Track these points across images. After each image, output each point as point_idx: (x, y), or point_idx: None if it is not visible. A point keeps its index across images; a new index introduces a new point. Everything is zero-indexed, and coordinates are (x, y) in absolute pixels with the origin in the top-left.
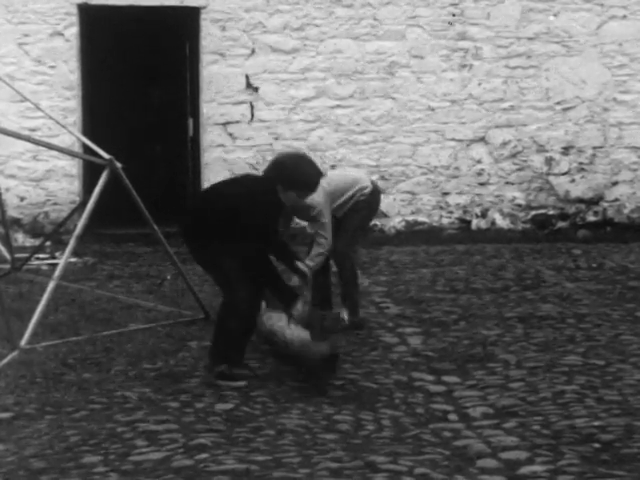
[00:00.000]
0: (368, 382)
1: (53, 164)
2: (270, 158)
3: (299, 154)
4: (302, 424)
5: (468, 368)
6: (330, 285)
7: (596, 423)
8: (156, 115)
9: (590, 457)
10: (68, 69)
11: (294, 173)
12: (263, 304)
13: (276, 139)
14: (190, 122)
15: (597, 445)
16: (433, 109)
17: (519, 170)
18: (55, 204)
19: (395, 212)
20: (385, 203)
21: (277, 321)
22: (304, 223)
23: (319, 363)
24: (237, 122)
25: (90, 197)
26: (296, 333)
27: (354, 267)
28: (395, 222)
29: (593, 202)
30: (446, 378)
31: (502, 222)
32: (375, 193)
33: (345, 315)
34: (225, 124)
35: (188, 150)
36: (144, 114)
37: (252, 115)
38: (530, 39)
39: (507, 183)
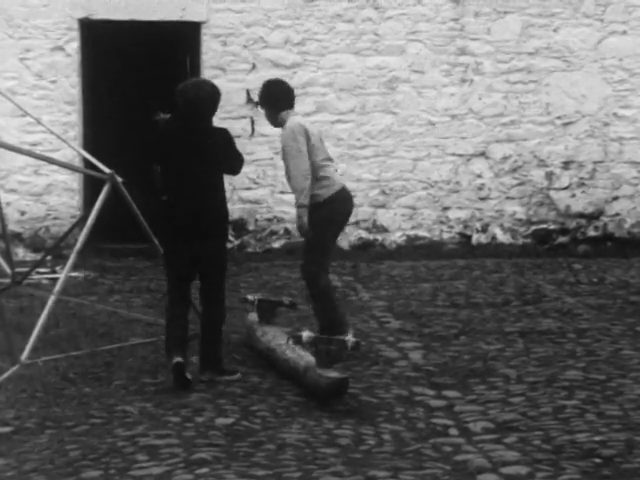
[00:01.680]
0: (369, 396)
1: (54, 178)
2: (271, 173)
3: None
4: (302, 438)
5: (469, 383)
6: (335, 307)
7: (597, 438)
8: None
9: (591, 472)
10: (69, 84)
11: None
12: (255, 318)
13: (277, 154)
14: None
15: (598, 460)
16: (434, 124)
17: (519, 185)
18: (56, 218)
19: (396, 227)
20: (386, 217)
21: (274, 338)
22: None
23: (328, 391)
24: (238, 137)
25: (91, 211)
26: (298, 355)
27: (324, 285)
28: (396, 237)
29: (594, 217)
30: (447, 393)
31: (503, 237)
32: (342, 199)
33: (351, 339)
34: None
35: None
36: (145, 129)
37: (253, 130)
38: (530, 54)
39: (508, 198)
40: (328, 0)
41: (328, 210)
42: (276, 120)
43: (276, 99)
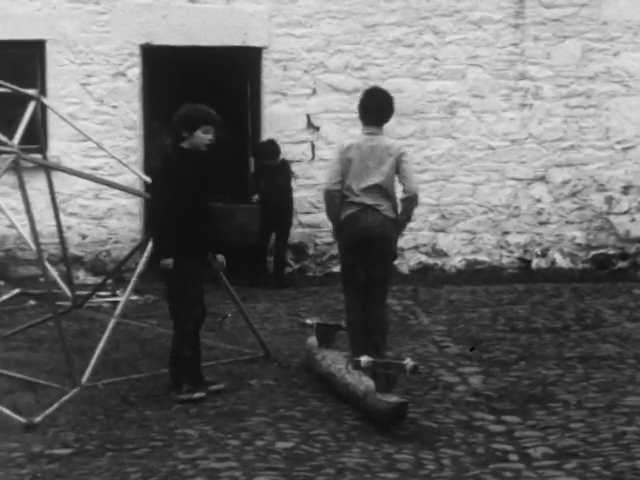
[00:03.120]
0: (428, 421)
1: (115, 202)
2: None
3: None
4: (362, 463)
5: (528, 408)
6: (355, 346)
7: None
8: (217, 154)
9: None
10: (130, 109)
11: None
12: (315, 342)
13: None
14: (252, 161)
15: None
16: (493, 148)
17: (579, 209)
18: (116, 242)
19: (455, 251)
20: (445, 242)
21: (334, 362)
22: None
23: (388, 415)
24: (298, 161)
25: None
26: (357, 379)
27: (349, 319)
28: (455, 261)
29: None
30: (506, 418)
31: (562, 261)
32: (351, 225)
33: (410, 362)
34: None
35: (249, 189)
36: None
37: (313, 154)
38: (590, 78)
39: (567, 222)
40: (388, 25)
41: (342, 235)
42: None
43: (359, 110)
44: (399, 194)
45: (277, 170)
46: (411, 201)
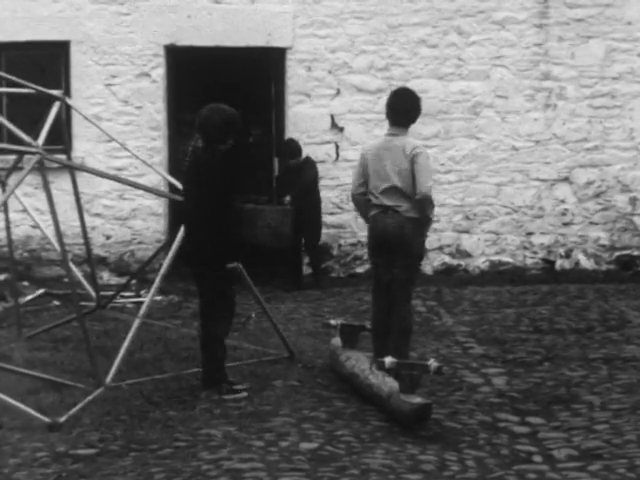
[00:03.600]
0: (452, 422)
1: (139, 203)
2: None
3: None
4: (386, 464)
5: (552, 409)
6: (376, 349)
7: None
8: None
9: None
10: (154, 109)
11: None
12: (339, 343)
13: None
14: (276, 161)
15: None
16: (517, 149)
17: (603, 210)
18: (141, 243)
19: (479, 252)
20: (469, 243)
21: (358, 363)
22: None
23: (412, 416)
24: (322, 162)
25: (175, 236)
26: (382, 380)
27: (373, 319)
28: (479, 262)
29: None
30: (530, 419)
31: (586, 262)
32: (371, 225)
33: (434, 363)
34: None
35: (273, 189)
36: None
37: (337, 155)
38: (614, 79)
39: (591, 223)
40: (412, 25)
41: (368, 236)
42: None
43: (386, 110)
44: None
45: (301, 168)
46: (422, 203)
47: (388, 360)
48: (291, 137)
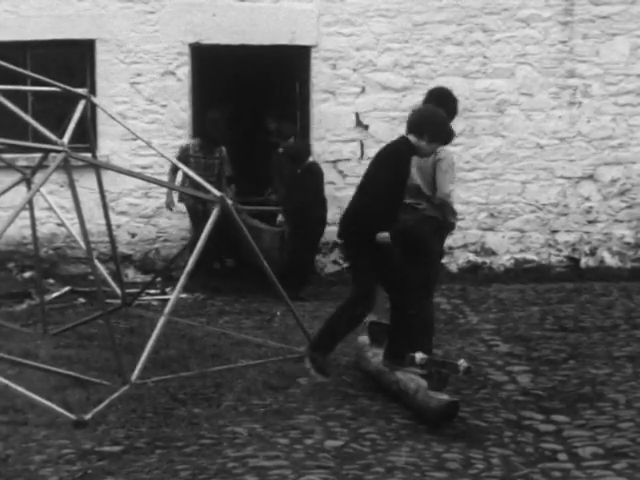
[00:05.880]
0: (477, 420)
1: (164, 201)
2: None
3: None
4: (411, 462)
5: (577, 407)
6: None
7: None
8: (267, 153)
9: None
10: (180, 108)
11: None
12: (366, 340)
13: None
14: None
15: None
16: (542, 147)
17: (628, 208)
18: (166, 241)
19: (504, 250)
20: (494, 240)
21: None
22: None
23: (439, 413)
24: (347, 160)
25: (200, 234)
26: (409, 377)
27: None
28: (504, 260)
29: None
30: (555, 417)
31: (611, 260)
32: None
33: (464, 363)
34: (335, 162)
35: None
36: (253, 152)
37: (362, 153)
38: (639, 76)
39: (616, 221)
40: (437, 23)
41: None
42: None
43: None
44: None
45: (302, 174)
46: (442, 208)
47: (419, 356)
48: (297, 141)
